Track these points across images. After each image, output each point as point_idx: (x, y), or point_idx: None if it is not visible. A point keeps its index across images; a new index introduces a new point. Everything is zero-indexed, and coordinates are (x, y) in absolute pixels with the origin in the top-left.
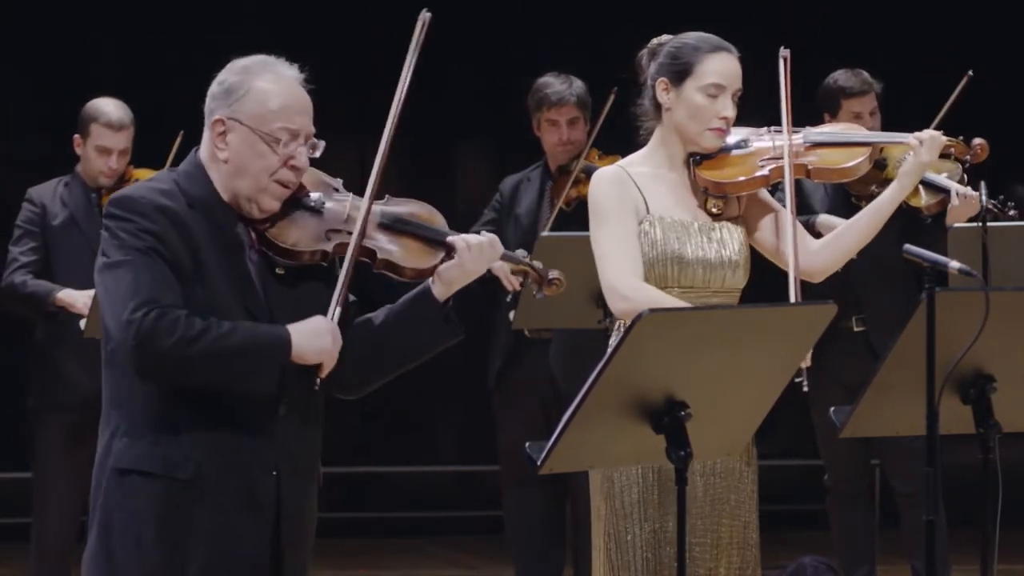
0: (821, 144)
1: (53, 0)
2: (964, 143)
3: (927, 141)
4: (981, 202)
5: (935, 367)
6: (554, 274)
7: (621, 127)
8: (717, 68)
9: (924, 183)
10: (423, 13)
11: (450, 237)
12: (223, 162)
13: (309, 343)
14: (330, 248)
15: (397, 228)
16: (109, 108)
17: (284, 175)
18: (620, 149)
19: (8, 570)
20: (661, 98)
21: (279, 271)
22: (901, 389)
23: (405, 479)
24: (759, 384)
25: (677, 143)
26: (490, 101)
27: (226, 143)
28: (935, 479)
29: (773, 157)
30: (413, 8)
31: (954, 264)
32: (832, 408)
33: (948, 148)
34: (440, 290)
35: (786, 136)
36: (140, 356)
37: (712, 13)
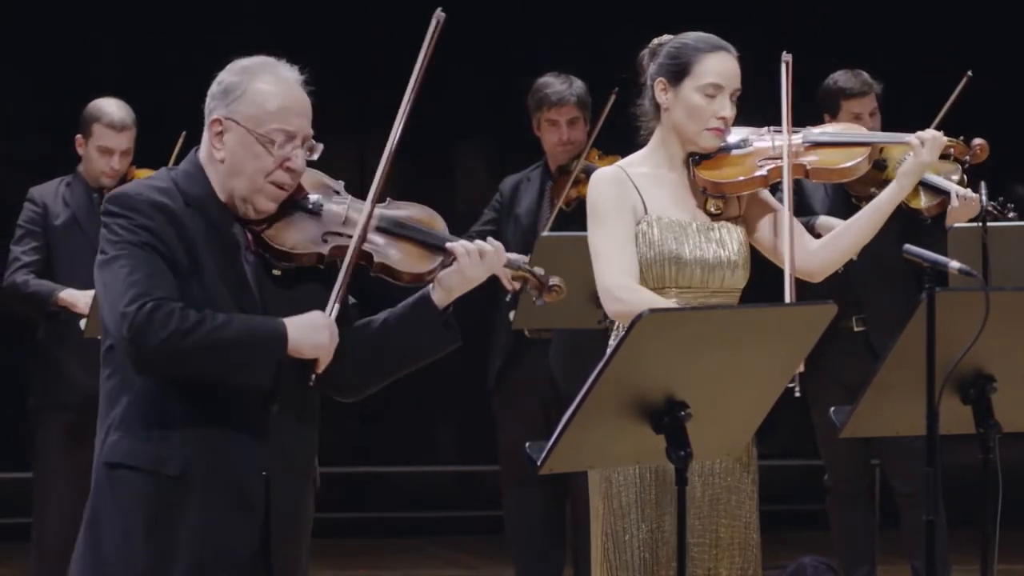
0: (820, 144)
1: (53, 0)
2: (964, 143)
3: (928, 141)
4: (981, 203)
5: (935, 367)
6: (554, 280)
7: (621, 127)
8: (715, 68)
9: (924, 185)
10: (438, 12)
11: (450, 243)
12: (220, 162)
13: (306, 337)
14: (326, 251)
15: (395, 232)
16: (111, 108)
17: (280, 177)
18: (620, 149)
19: (8, 570)
20: (660, 98)
21: (276, 272)
22: (901, 389)
23: (405, 479)
24: (759, 384)
25: (676, 143)
26: (490, 101)
27: (223, 143)
28: (935, 479)
29: (772, 157)
30: (413, 8)
31: (954, 264)
32: (832, 408)
33: (948, 149)
34: (440, 296)
35: (786, 137)
36: (135, 348)
37: (712, 13)
